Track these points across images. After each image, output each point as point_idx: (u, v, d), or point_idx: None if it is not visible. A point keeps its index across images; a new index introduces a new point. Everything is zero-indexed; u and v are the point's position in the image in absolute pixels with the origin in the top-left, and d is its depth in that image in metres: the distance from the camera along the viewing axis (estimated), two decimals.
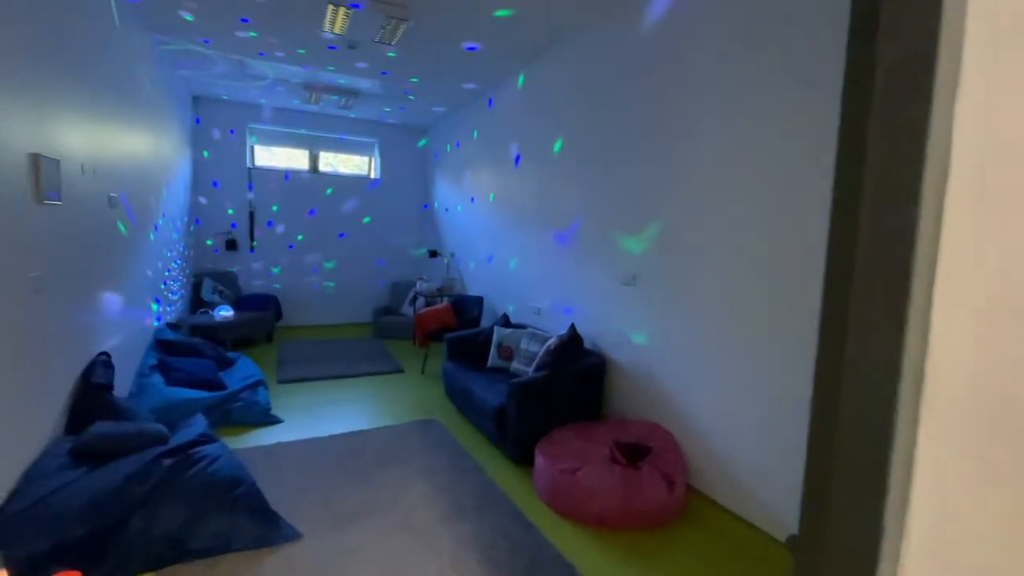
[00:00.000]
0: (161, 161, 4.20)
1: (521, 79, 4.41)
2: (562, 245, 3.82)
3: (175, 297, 4.69)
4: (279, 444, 3.14)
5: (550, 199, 3.97)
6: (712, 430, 2.59)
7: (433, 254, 6.10)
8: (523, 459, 2.98)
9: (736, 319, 2.43)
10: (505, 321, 4.14)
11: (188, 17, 3.59)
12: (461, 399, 3.67)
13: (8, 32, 1.81)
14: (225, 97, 5.77)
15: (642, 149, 2.99)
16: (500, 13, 3.30)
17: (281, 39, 3.83)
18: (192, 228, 5.76)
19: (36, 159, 1.95)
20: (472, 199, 5.50)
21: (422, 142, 6.98)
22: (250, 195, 6.16)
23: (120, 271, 3.02)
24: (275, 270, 6.41)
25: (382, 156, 6.86)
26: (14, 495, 1.74)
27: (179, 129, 5.01)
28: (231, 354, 4.27)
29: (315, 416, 3.69)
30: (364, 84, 4.95)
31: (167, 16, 3.54)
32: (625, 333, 3.18)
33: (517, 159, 4.47)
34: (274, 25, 3.60)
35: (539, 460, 2.69)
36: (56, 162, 2.11)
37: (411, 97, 5.31)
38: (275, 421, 3.52)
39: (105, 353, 2.59)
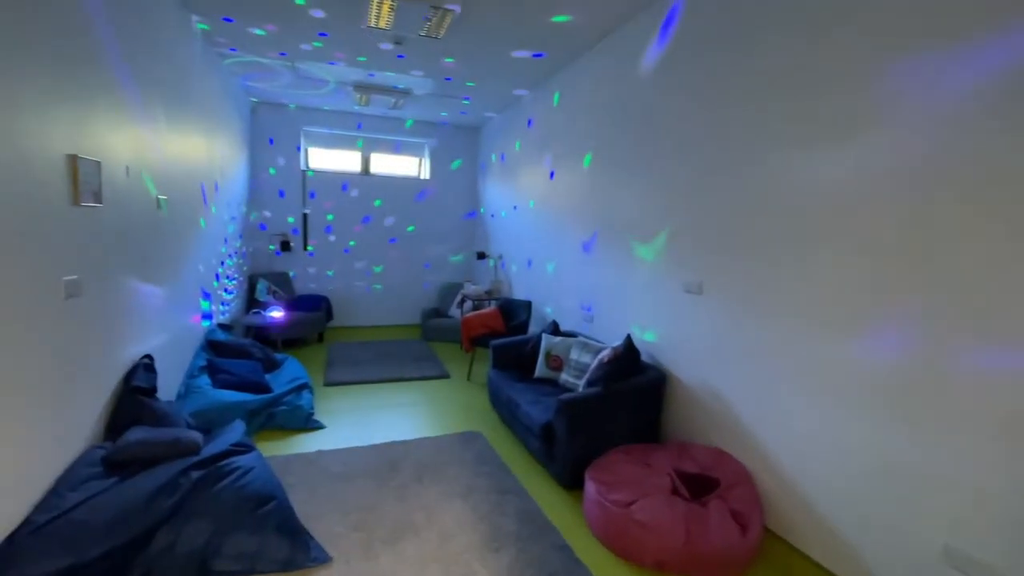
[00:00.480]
0: (215, 163, 4.26)
1: (557, 96, 4.22)
2: (613, 252, 3.52)
3: (230, 296, 4.77)
4: (319, 452, 3.04)
5: (597, 204, 3.67)
6: (798, 466, 2.21)
7: (481, 256, 5.93)
8: (572, 483, 2.72)
9: (830, 338, 2.05)
10: (554, 328, 3.88)
11: (259, 32, 3.73)
12: (506, 411, 3.45)
13: (51, 33, 1.77)
14: (281, 102, 5.87)
15: (726, 150, 2.65)
16: (558, 19, 3.17)
17: (341, 47, 3.84)
18: (247, 231, 5.90)
19: (74, 160, 1.91)
20: (515, 207, 5.30)
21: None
22: (305, 197, 6.25)
23: (168, 273, 3.03)
24: (329, 273, 6.48)
25: (432, 157, 6.78)
26: (39, 506, 1.69)
27: (237, 132, 5.12)
28: (279, 355, 4.28)
29: (358, 422, 3.59)
30: (414, 84, 4.84)
31: (238, 34, 3.61)
32: (688, 347, 2.84)
33: (552, 173, 4.19)
34: (335, 32, 3.63)
35: (589, 487, 2.42)
36: (97, 163, 2.08)
37: (465, 101, 5.17)
38: (317, 427, 3.45)
39: (148, 356, 2.58)
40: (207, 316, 3.93)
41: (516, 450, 3.22)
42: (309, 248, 6.36)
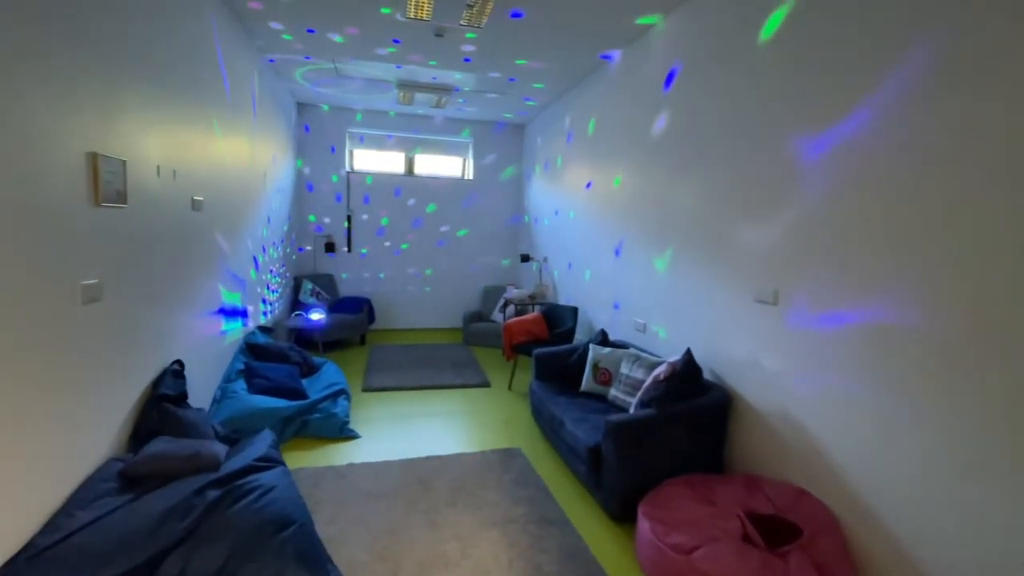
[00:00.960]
0: (259, 165, 4.24)
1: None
2: (675, 253, 3.18)
3: (274, 296, 4.76)
4: (350, 466, 2.89)
5: (654, 198, 3.33)
6: (906, 521, 1.81)
7: (525, 258, 5.68)
8: (622, 514, 2.42)
9: (948, 364, 1.65)
10: (603, 338, 3.57)
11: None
12: (549, 428, 3.18)
13: (75, 29, 1.68)
14: (325, 103, 5.87)
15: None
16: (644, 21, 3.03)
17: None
18: (293, 232, 5.93)
19: (94, 159, 1.82)
20: (556, 211, 5.01)
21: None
22: (348, 198, 6.23)
23: (203, 276, 2.96)
24: (379, 275, 6.43)
25: (476, 156, 6.61)
26: (46, 527, 1.58)
27: (283, 135, 5.13)
28: (318, 359, 4.21)
29: (393, 432, 3.43)
30: (457, 80, 4.67)
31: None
32: (759, 364, 2.47)
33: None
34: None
35: (644, 526, 2.11)
36: (122, 163, 1.99)
37: (530, 102, 4.96)
38: (351, 436, 3.31)
39: (178, 361, 2.50)
40: (244, 317, 3.89)
41: (559, 471, 2.95)
42: (363, 251, 6.34)
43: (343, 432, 3.30)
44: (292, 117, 5.62)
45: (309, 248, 6.14)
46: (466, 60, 4.12)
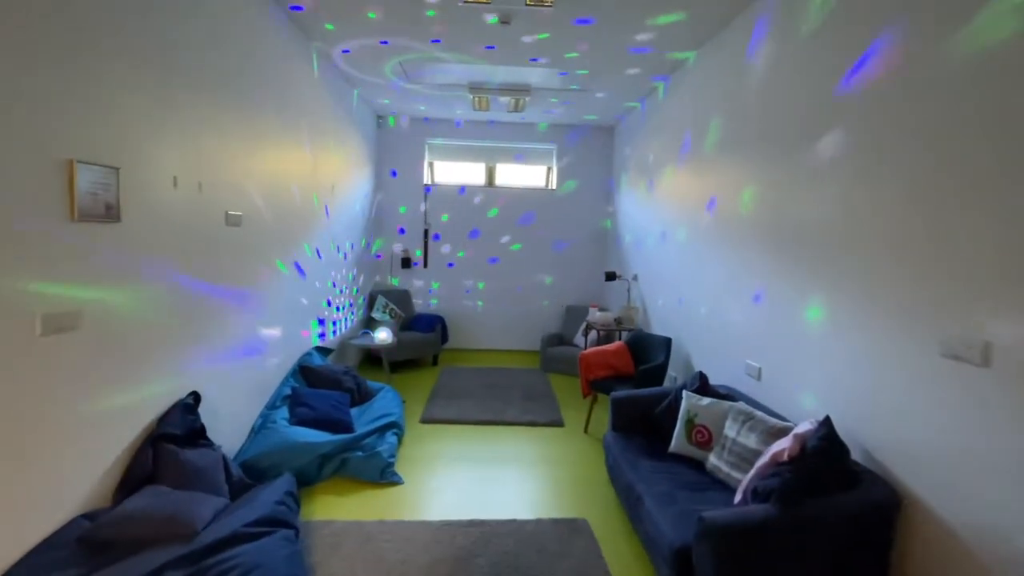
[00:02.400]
0: (325, 178, 4.08)
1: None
2: (798, 278, 2.34)
3: (336, 311, 4.58)
4: (380, 524, 2.45)
5: (781, 208, 2.51)
6: None
7: (610, 277, 4.98)
8: None
9: None
10: (701, 383, 2.79)
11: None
12: (626, 499, 2.48)
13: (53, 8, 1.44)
14: (403, 114, 5.71)
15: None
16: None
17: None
18: (369, 247, 5.82)
19: (70, 167, 1.56)
20: (662, 233, 4.24)
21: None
22: (426, 212, 6.01)
23: (239, 294, 2.73)
24: (455, 292, 6.13)
25: (560, 163, 6.06)
26: None
27: (358, 147, 5.01)
28: (375, 384, 3.89)
29: (441, 481, 2.95)
30: (534, 77, 4.18)
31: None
32: (950, 453, 1.60)
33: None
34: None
35: None
36: (113, 171, 1.73)
37: (597, 94, 4.37)
38: (393, 482, 2.89)
39: (193, 394, 2.24)
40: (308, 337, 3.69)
41: (637, 562, 2.25)
42: (441, 265, 6.09)
43: (384, 476, 2.89)
44: (370, 130, 5.52)
45: (384, 260, 5.99)
46: (532, 60, 3.63)
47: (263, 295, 3.00)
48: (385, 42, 3.54)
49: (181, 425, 2.08)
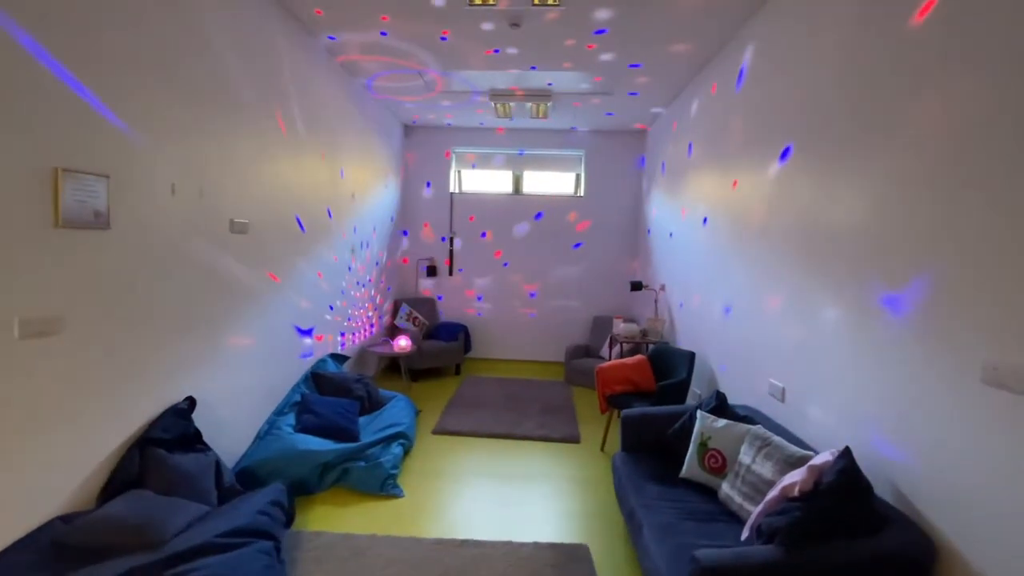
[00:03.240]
0: (345, 186, 4.14)
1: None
2: (827, 295, 2.10)
3: (356, 321, 4.62)
4: (372, 538, 2.38)
5: (805, 218, 2.27)
6: None
7: (636, 287, 4.76)
8: None
9: None
10: (719, 403, 2.57)
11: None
12: (629, 524, 2.30)
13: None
14: (432, 124, 5.74)
15: None
16: None
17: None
18: (392, 253, 5.87)
19: (55, 175, 1.60)
20: (677, 230, 4.01)
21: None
22: (452, 220, 6.00)
23: (244, 300, 2.76)
24: (480, 300, 6.08)
25: (588, 170, 5.90)
26: None
27: (382, 155, 5.06)
28: (387, 393, 3.86)
29: (442, 495, 2.86)
30: (556, 81, 4.08)
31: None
32: (992, 494, 1.35)
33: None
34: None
35: None
36: (104, 179, 1.78)
37: (632, 95, 4.21)
38: (393, 495, 2.82)
39: (189, 398, 2.26)
40: (314, 346, 3.72)
41: None
42: (464, 274, 6.07)
43: (384, 488, 2.83)
44: (396, 138, 5.59)
45: (409, 268, 6.02)
46: (560, 68, 3.50)
47: (274, 301, 3.03)
48: (402, 70, 3.56)
49: (172, 430, 2.10)
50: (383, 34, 3.28)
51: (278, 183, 3.02)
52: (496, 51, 3.49)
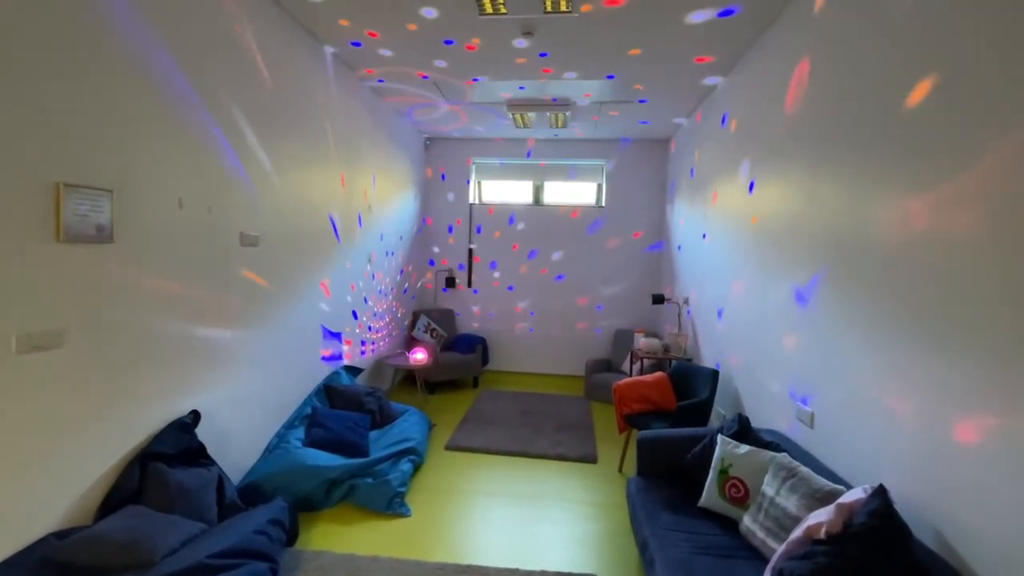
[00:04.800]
0: (360, 199, 4.15)
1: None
2: (854, 303, 1.93)
3: (375, 332, 4.60)
4: (374, 560, 2.30)
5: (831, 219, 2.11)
6: None
7: (658, 299, 4.60)
8: None
9: None
10: (741, 427, 2.40)
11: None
12: (641, 555, 2.16)
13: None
14: (452, 136, 5.74)
15: None
16: None
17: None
18: (413, 265, 5.87)
19: (57, 189, 1.61)
20: (703, 235, 3.84)
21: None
22: (471, 232, 5.97)
23: (253, 313, 2.75)
24: (498, 313, 6.01)
25: (610, 181, 5.78)
26: None
27: (402, 168, 5.08)
28: (399, 406, 3.81)
29: (451, 515, 2.77)
30: (573, 91, 4.01)
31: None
32: None
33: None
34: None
35: None
36: (107, 193, 1.79)
37: (641, 103, 4.10)
38: (400, 514, 2.75)
39: (194, 412, 2.25)
40: (335, 358, 3.71)
41: None
42: (486, 286, 6.02)
43: (391, 507, 2.76)
44: (417, 151, 5.60)
45: (429, 279, 6.01)
46: (569, 75, 3.42)
47: (286, 313, 3.03)
48: (424, 80, 3.56)
49: (175, 444, 2.08)
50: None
51: (290, 197, 3.03)
52: (522, 61, 3.44)
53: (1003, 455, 1.30)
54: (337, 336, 3.75)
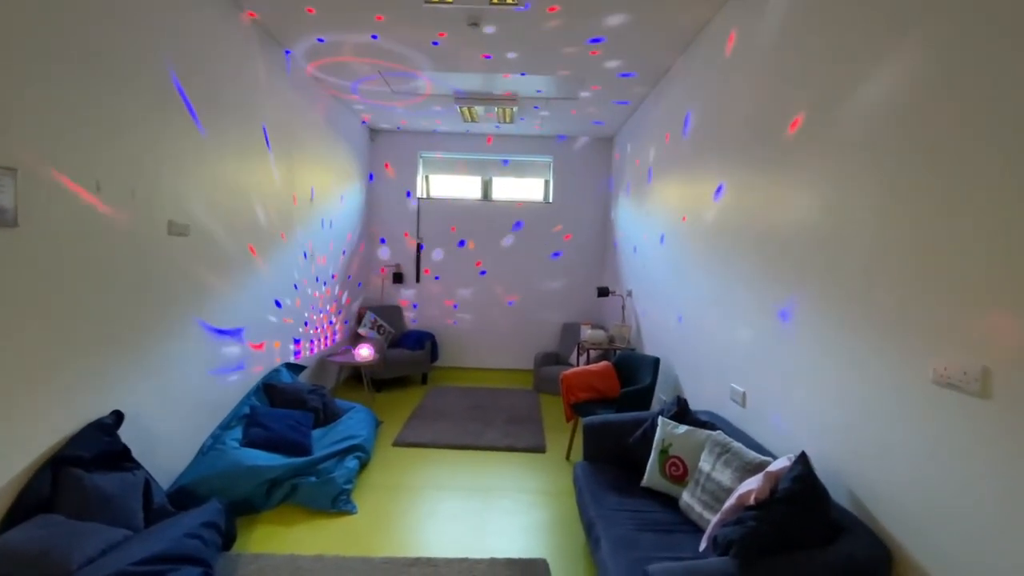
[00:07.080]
0: (300, 191, 3.99)
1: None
2: (770, 287, 2.08)
3: (309, 329, 4.45)
4: (318, 559, 2.23)
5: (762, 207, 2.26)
6: None
7: (603, 292, 4.73)
8: None
9: None
10: (679, 410, 2.51)
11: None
12: (588, 537, 2.22)
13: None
14: (398, 128, 5.64)
15: None
16: None
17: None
18: (357, 261, 5.72)
19: None
20: (662, 237, 4.00)
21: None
22: (418, 226, 5.89)
23: (183, 308, 2.59)
24: (448, 308, 5.95)
25: (556, 177, 5.88)
26: None
27: (345, 159, 4.93)
28: (344, 404, 3.71)
29: (397, 510, 2.73)
30: (520, 86, 4.04)
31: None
32: (948, 498, 1.31)
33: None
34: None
35: None
36: (11, 172, 1.62)
37: (583, 95, 4.19)
38: (346, 511, 2.68)
39: (116, 412, 2.08)
40: (233, 368, 3.54)
41: None
42: (432, 281, 5.95)
43: (336, 505, 2.68)
44: (361, 142, 5.46)
45: (375, 275, 5.87)
46: (523, 60, 3.43)
47: (217, 307, 2.87)
48: (380, 76, 3.46)
49: (93, 447, 1.92)
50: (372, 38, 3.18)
51: (223, 186, 2.87)
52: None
53: (898, 418, 1.44)
54: (234, 333, 3.18)
